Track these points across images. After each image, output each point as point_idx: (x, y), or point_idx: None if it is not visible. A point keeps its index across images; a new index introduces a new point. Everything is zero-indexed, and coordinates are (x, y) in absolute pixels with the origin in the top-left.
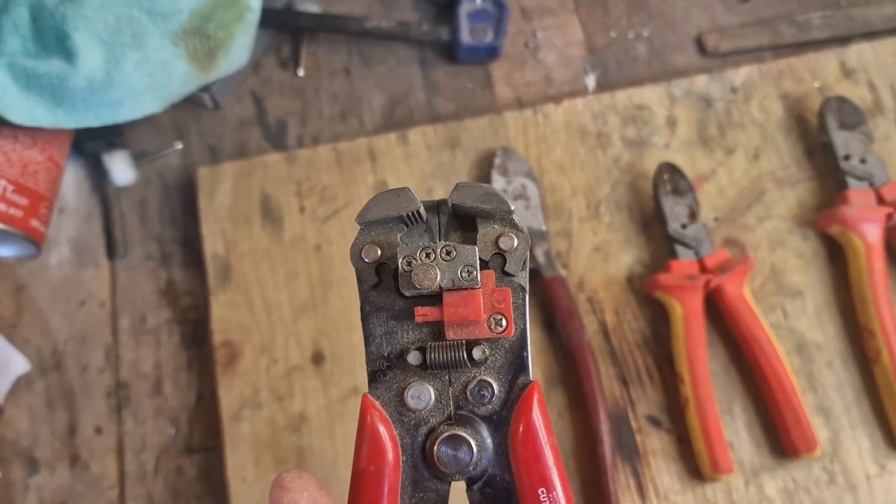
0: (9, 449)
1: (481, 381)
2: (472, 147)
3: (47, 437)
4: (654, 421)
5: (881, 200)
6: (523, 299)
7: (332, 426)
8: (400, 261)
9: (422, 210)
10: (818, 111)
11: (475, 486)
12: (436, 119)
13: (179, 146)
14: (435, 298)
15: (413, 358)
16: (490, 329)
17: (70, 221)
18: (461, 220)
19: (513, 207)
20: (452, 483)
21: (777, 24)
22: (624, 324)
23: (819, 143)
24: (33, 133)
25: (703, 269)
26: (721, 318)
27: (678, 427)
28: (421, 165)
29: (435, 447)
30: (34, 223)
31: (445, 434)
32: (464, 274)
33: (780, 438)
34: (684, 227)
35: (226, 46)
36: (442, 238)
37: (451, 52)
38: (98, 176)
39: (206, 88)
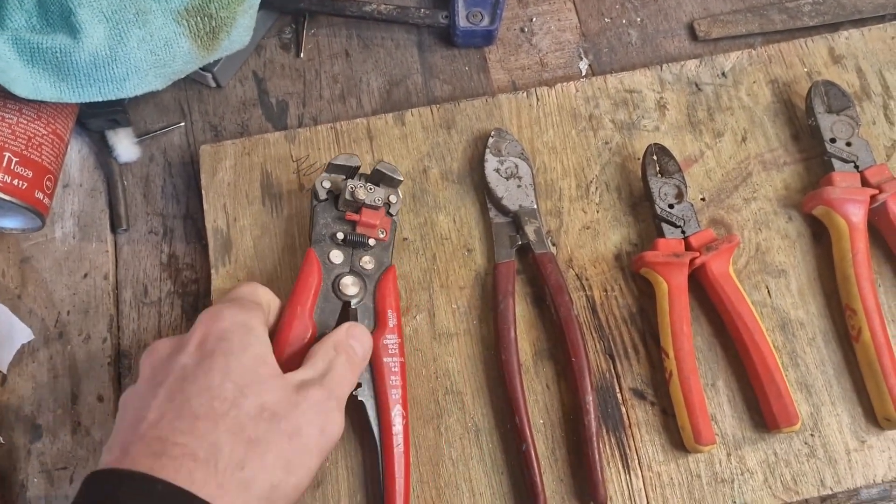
0: (12, 415)
1: (367, 257)
2: (466, 128)
3: (50, 404)
4: (639, 394)
5: (865, 182)
6: (395, 227)
7: None
8: (346, 189)
9: (359, 166)
10: (806, 94)
11: (357, 308)
12: (433, 101)
13: (182, 124)
14: (353, 212)
15: (338, 237)
16: (378, 234)
17: (74, 197)
18: (377, 182)
19: (401, 179)
20: (343, 301)
21: (768, 11)
22: (611, 300)
23: (806, 126)
24: (38, 107)
25: (689, 247)
26: (706, 295)
27: (662, 400)
28: (417, 145)
29: (340, 282)
30: (38, 195)
31: (345, 277)
32: (376, 201)
33: (762, 412)
34: (671, 206)
35: (228, 26)
36: (373, 188)
37: (448, 36)
38: (102, 153)
39: (208, 68)
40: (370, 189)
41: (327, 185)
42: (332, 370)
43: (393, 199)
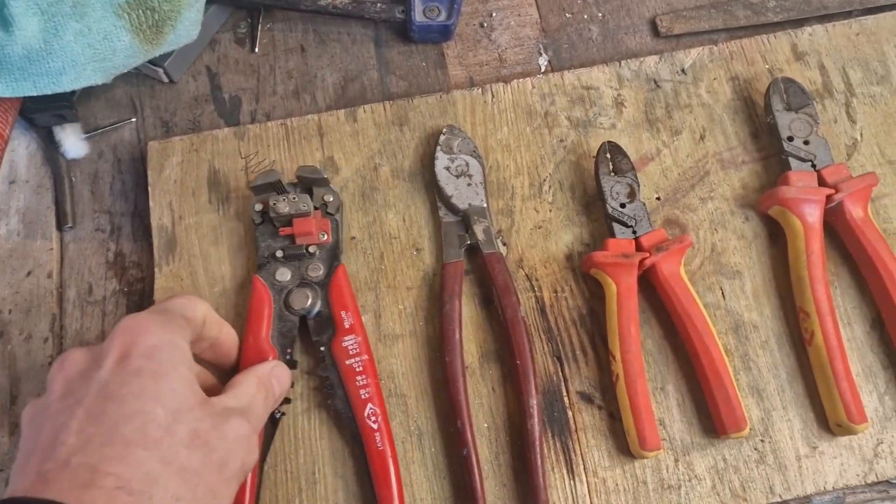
0: None
1: (312, 265)
2: (419, 125)
3: None
4: (586, 397)
5: (822, 182)
6: (337, 225)
7: None
8: (272, 206)
9: (282, 180)
10: (765, 92)
11: (311, 316)
12: (388, 97)
13: (133, 120)
14: (285, 226)
15: (279, 254)
16: (318, 239)
17: (20, 193)
18: (306, 187)
19: (324, 176)
20: (299, 316)
21: (732, 7)
22: (561, 301)
23: (765, 124)
24: None
25: (640, 247)
26: (657, 296)
27: (610, 404)
28: (369, 143)
29: (290, 297)
30: None
31: (295, 291)
32: (303, 208)
33: (711, 417)
34: (623, 206)
35: (172, 20)
36: (296, 197)
37: (405, 31)
38: (50, 148)
39: (159, 63)
40: (293, 199)
41: (259, 207)
42: (253, 405)
43: (328, 198)
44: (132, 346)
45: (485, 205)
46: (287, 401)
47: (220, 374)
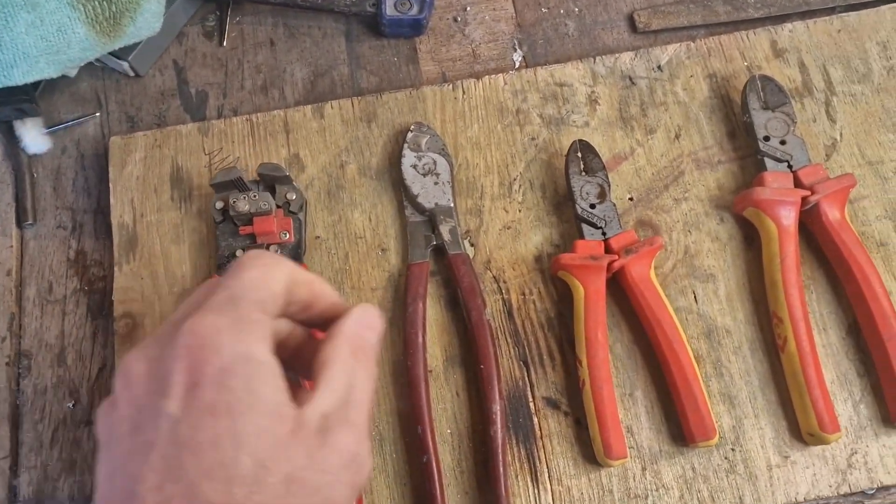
0: None
1: None
2: (388, 122)
3: None
4: (552, 403)
5: (798, 183)
6: (300, 224)
7: None
8: (232, 204)
9: (243, 177)
10: (742, 90)
11: None
12: (359, 93)
13: (98, 115)
14: (246, 224)
15: (239, 253)
16: (280, 238)
17: None
18: (268, 184)
19: (286, 174)
20: None
21: (711, 2)
22: (529, 304)
23: (742, 123)
24: None
25: (609, 249)
26: (627, 300)
27: (576, 410)
28: (336, 139)
29: None
30: None
31: None
32: (263, 206)
33: (680, 424)
34: (593, 206)
35: (131, 12)
36: (257, 195)
37: (377, 25)
38: (11, 143)
39: (123, 56)
40: (254, 197)
41: (220, 205)
42: (353, 390)
43: (291, 196)
44: (200, 369)
45: (452, 204)
46: None
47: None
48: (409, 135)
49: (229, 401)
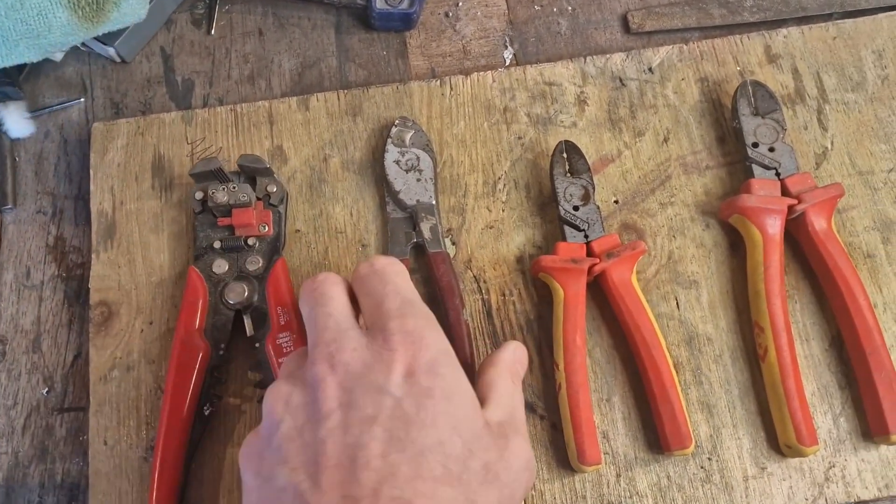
0: None
1: (251, 258)
2: (373, 116)
3: None
4: (528, 406)
5: (786, 191)
6: (280, 217)
7: None
8: (211, 195)
9: (223, 168)
10: (732, 95)
11: (248, 312)
12: (346, 86)
13: (82, 101)
14: (224, 216)
15: (216, 245)
16: (259, 230)
17: None
18: (249, 176)
19: (267, 166)
20: (234, 310)
21: (707, 5)
22: (509, 305)
23: (732, 128)
24: None
25: (591, 252)
26: (608, 304)
27: (553, 414)
28: (320, 132)
29: (226, 290)
30: None
31: (231, 284)
32: (242, 198)
33: (657, 432)
34: (576, 208)
35: None
36: (237, 187)
37: (367, 17)
38: None
39: (109, 42)
40: (233, 188)
41: (199, 195)
42: (516, 409)
43: (272, 188)
44: (415, 358)
45: (434, 202)
46: (219, 397)
47: None
48: (394, 129)
49: (443, 386)
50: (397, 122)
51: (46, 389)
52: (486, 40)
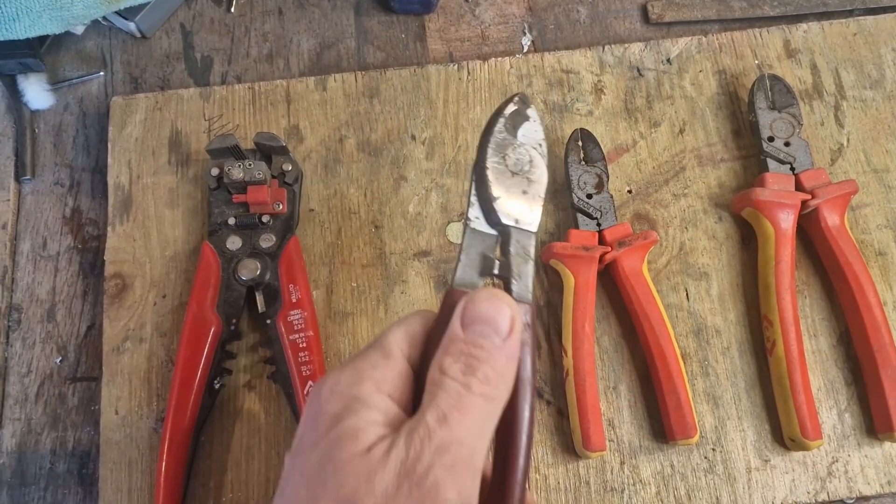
0: None
1: (265, 235)
2: (390, 98)
3: None
4: (536, 392)
5: (799, 186)
6: (294, 196)
7: None
8: (227, 171)
9: (239, 145)
10: (750, 88)
11: (260, 289)
12: (364, 68)
13: (102, 74)
14: (239, 193)
15: (231, 221)
16: (273, 208)
17: None
18: (265, 154)
19: (282, 144)
20: (246, 286)
21: None
22: None
23: (748, 122)
24: None
25: (603, 240)
26: (618, 293)
27: (559, 400)
28: (336, 113)
29: (239, 267)
30: None
31: (244, 261)
32: (258, 175)
33: (662, 421)
34: (590, 196)
35: None
36: (252, 164)
37: (387, 0)
38: (13, 98)
39: (130, 17)
40: (249, 165)
41: (215, 171)
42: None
43: (287, 167)
44: None
45: (535, 230)
46: (229, 372)
47: None
48: (510, 107)
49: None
50: (516, 99)
51: (60, 358)
52: (505, 26)
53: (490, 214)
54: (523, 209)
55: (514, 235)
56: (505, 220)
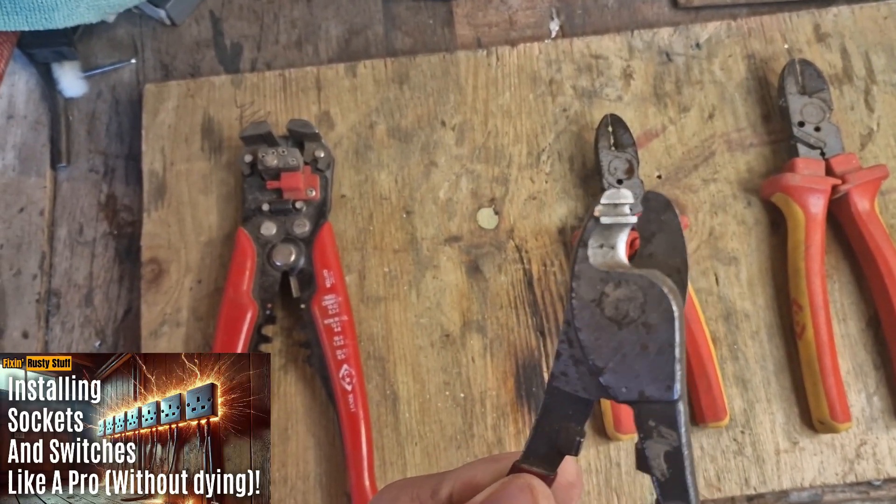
0: None
1: (298, 220)
2: (420, 84)
3: None
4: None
5: (830, 171)
6: (327, 182)
7: None
8: (260, 158)
9: (273, 132)
10: (780, 73)
11: (294, 274)
12: (392, 54)
13: (133, 62)
14: (273, 179)
15: (265, 207)
16: (306, 194)
17: (17, 129)
18: (297, 141)
19: (315, 131)
20: (281, 271)
21: None
22: (549, 275)
23: (777, 107)
24: None
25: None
26: None
27: None
28: (367, 99)
29: (273, 252)
30: None
31: (279, 247)
32: (291, 162)
33: (692, 404)
34: (620, 182)
35: None
36: (286, 151)
37: None
38: (48, 85)
39: (161, 4)
40: (282, 152)
41: (249, 158)
42: None
43: (320, 154)
44: None
45: (673, 398)
46: (265, 356)
47: None
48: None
49: None
50: (600, 207)
51: (99, 342)
52: (533, 11)
53: (592, 389)
54: (644, 373)
55: (644, 413)
56: (623, 398)
